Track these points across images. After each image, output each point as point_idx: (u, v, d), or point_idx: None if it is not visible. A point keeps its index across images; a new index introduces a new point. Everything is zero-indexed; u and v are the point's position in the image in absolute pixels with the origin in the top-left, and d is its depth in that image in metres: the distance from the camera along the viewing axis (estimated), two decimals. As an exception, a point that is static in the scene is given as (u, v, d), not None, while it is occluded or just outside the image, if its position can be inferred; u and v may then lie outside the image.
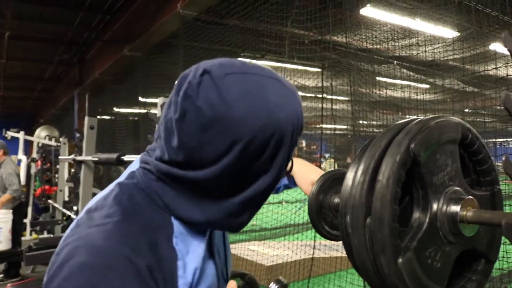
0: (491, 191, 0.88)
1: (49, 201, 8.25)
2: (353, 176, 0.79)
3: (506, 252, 3.88)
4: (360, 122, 5.22)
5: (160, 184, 0.81)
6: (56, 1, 8.47)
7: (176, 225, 0.81)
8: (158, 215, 0.79)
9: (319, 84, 6.44)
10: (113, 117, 12.66)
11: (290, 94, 0.80)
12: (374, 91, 6.35)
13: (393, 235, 0.72)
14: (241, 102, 0.72)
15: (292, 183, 1.26)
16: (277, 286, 0.92)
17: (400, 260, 0.72)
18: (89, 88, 12.12)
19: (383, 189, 0.73)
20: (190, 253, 0.82)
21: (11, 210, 5.73)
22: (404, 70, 8.03)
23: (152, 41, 8.07)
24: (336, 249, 5.81)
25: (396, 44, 6.95)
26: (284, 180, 1.26)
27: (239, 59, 0.82)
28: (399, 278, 0.72)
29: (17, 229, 5.85)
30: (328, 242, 6.18)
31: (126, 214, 0.76)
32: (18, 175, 6.09)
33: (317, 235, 1.15)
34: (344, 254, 5.62)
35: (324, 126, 6.64)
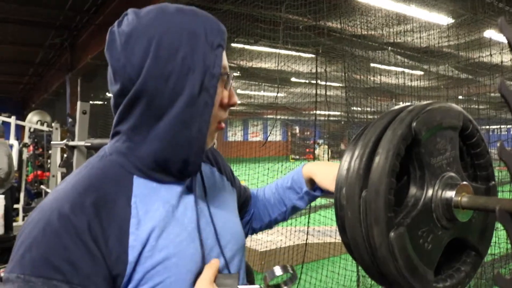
0: (486, 186, 0.89)
1: (42, 186, 8.22)
2: (352, 150, 0.80)
3: (498, 238, 3.92)
4: (354, 108, 5.24)
5: (124, 144, 0.88)
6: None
7: (138, 185, 0.85)
8: (118, 177, 0.85)
9: (313, 70, 6.43)
10: (105, 102, 12.60)
11: (199, 11, 0.88)
12: (368, 77, 6.35)
13: (387, 207, 0.73)
14: (152, 13, 0.85)
15: (317, 191, 1.22)
16: (281, 270, 0.91)
17: (392, 233, 0.73)
18: (81, 73, 12.04)
19: (382, 161, 0.73)
20: (151, 212, 0.84)
21: (2, 196, 5.72)
22: (398, 57, 8.04)
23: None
24: (329, 235, 5.86)
25: (391, 30, 6.94)
26: (303, 186, 1.21)
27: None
28: (390, 251, 0.72)
29: (9, 215, 5.84)
30: (321, 227, 6.23)
31: (79, 179, 0.84)
32: (9, 158, 6.06)
33: (311, 221, 1.15)
34: (337, 240, 5.67)
35: (318, 112, 6.65)
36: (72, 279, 0.74)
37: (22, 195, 7.27)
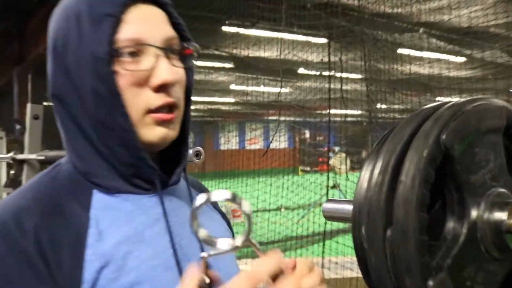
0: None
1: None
2: (368, 176, 0.78)
3: None
4: (378, 106, 5.25)
5: (70, 157, 0.95)
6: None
7: (98, 198, 0.89)
8: (74, 187, 0.90)
9: (326, 59, 6.44)
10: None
11: None
12: (395, 67, 6.38)
13: (420, 250, 0.70)
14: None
15: None
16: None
17: (430, 282, 0.71)
18: (33, 67, 12.04)
19: (407, 192, 0.71)
20: (115, 226, 0.87)
21: None
22: (433, 40, 8.05)
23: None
24: (350, 268, 5.85)
25: (423, 7, 6.96)
26: None
27: None
28: (431, 305, 0.71)
29: None
30: (339, 258, 6.21)
31: (27, 187, 0.91)
32: None
33: (327, 250, 1.14)
34: (360, 275, 5.66)
35: (332, 111, 6.65)
36: None
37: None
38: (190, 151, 1.79)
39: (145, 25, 0.88)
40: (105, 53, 0.84)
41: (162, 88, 0.87)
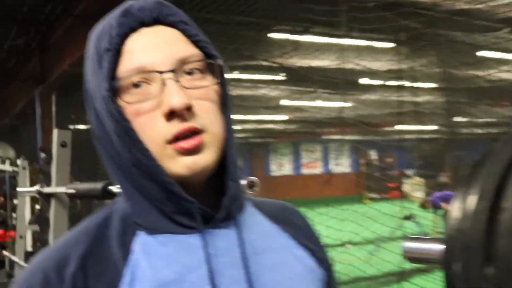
0: None
1: (4, 252, 8.40)
2: (462, 205, 0.76)
3: None
4: (457, 119, 5.17)
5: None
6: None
7: (141, 240, 0.95)
8: (120, 227, 0.98)
9: (393, 67, 6.40)
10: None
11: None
12: (477, 73, 6.28)
13: None
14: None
15: None
16: None
17: None
18: (56, 86, 12.32)
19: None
20: (154, 269, 0.92)
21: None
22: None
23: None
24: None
25: (506, 0, 6.85)
26: None
27: None
28: None
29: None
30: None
31: (77, 228, 0.99)
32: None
33: None
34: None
35: (403, 128, 6.56)
36: None
37: (-23, 267, 7.47)
38: (244, 182, 1.79)
39: (148, 50, 0.93)
40: (106, 90, 0.90)
41: (175, 114, 0.90)
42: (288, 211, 1.18)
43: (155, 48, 0.93)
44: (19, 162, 7.27)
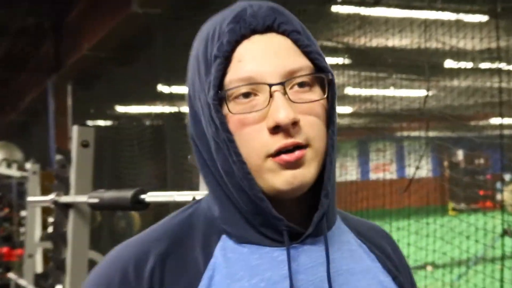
0: None
1: (10, 274, 8.52)
2: None
3: None
4: None
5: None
6: None
7: (224, 245, 1.11)
8: (204, 228, 1.14)
9: (490, 46, 6.32)
10: (116, 122, 12.93)
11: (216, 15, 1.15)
12: None
13: None
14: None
15: None
16: None
17: None
18: (73, 75, 12.47)
19: None
20: (230, 280, 1.06)
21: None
22: None
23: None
24: None
25: None
26: None
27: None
28: None
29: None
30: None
31: (161, 223, 1.17)
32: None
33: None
34: None
35: (500, 121, 6.49)
36: None
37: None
38: None
39: (258, 60, 1.05)
40: (212, 98, 1.03)
41: (280, 129, 1.01)
42: (377, 232, 1.33)
43: (265, 58, 1.04)
44: (28, 166, 7.40)
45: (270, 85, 1.01)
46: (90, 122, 12.40)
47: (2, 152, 10.12)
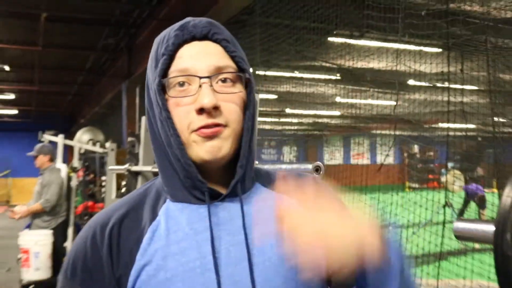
0: None
1: (94, 222, 8.56)
2: None
3: None
4: (498, 120, 5.02)
5: None
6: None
7: (167, 206, 1.11)
8: (155, 196, 1.14)
9: (441, 70, 6.27)
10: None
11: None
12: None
13: None
14: None
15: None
16: None
17: None
18: (141, 80, 12.51)
19: None
20: (168, 231, 1.07)
21: (50, 232, 5.97)
22: None
23: (220, 19, 8.17)
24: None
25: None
26: None
27: None
28: None
29: (59, 255, 6.04)
30: (459, 281, 5.97)
31: (126, 196, 1.16)
32: (60, 187, 6.39)
33: (442, 272, 1.12)
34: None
35: (446, 125, 6.45)
36: (85, 284, 1.07)
37: (70, 231, 7.57)
38: (310, 166, 1.82)
39: (194, 59, 1.06)
40: (157, 84, 1.06)
41: (204, 111, 1.03)
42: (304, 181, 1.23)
43: (199, 58, 1.06)
44: (107, 144, 7.41)
45: (200, 77, 1.04)
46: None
47: (89, 134, 10.14)
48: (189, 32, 1.08)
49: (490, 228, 0.94)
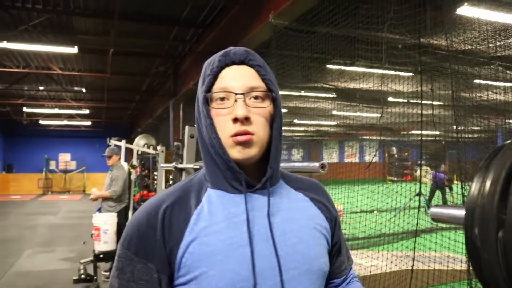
0: None
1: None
2: (480, 187, 0.76)
3: None
4: (456, 127, 4.95)
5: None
6: (154, 18, 8.92)
7: (209, 193, 1.09)
8: (199, 186, 1.11)
9: (414, 89, 6.21)
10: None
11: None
12: (476, 94, 6.01)
13: None
14: None
15: None
16: None
17: None
18: (183, 99, 12.58)
19: None
20: (210, 214, 1.05)
21: (115, 214, 6.07)
22: (508, 72, 7.52)
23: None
24: (439, 262, 5.53)
25: (499, 43, 6.52)
26: None
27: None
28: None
29: (122, 232, 6.12)
30: (430, 253, 5.91)
31: (175, 185, 1.13)
32: (125, 181, 6.52)
33: (417, 246, 1.09)
34: (447, 268, 5.34)
35: (418, 132, 6.37)
36: (146, 258, 1.03)
37: (130, 213, 7.67)
38: (317, 164, 1.78)
39: (232, 79, 1.05)
40: (203, 97, 1.06)
41: (237, 120, 1.03)
42: (316, 188, 1.24)
43: (236, 78, 1.05)
44: (158, 148, 7.42)
45: (236, 94, 1.04)
46: (195, 125, 12.45)
47: (144, 139, 10.14)
48: (230, 58, 1.07)
49: (461, 212, 0.93)
